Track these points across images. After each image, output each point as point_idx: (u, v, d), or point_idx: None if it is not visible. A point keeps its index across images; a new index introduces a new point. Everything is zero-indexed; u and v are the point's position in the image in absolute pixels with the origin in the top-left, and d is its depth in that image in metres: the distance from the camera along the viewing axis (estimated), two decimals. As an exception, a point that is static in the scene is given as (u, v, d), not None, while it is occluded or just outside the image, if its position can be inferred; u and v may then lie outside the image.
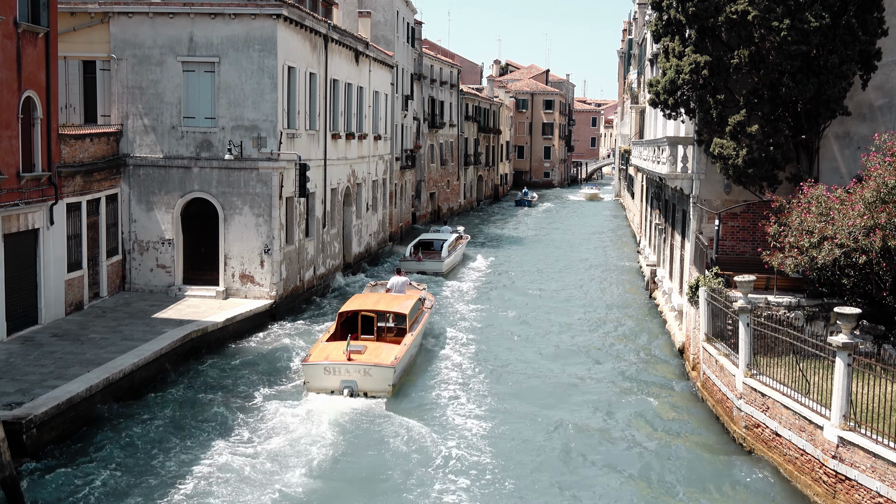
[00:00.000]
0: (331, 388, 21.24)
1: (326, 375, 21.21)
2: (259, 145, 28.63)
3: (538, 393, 22.63)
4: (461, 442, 18.54)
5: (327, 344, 22.75)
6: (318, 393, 21.27)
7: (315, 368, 21.27)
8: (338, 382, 21.16)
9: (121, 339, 23.03)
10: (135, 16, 28.72)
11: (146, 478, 16.47)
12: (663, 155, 26.48)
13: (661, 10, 23.92)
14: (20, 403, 17.64)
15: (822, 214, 19.35)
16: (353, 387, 21.15)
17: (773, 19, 20.88)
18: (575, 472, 17.55)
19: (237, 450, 17.89)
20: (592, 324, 31.07)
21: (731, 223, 24.05)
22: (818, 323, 20.46)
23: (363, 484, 16.64)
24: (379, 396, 21.19)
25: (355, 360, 21.28)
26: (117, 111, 29.13)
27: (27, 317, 23.74)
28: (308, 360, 21.64)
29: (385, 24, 51.66)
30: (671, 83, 23.18)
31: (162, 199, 29.20)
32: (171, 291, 29.12)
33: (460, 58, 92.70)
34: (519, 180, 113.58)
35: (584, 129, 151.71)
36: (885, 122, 22.99)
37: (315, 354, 21.90)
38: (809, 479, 15.93)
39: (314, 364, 21.33)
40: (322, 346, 22.52)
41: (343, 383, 21.13)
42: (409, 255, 40.79)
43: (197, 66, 28.84)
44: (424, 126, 62.33)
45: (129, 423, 19.10)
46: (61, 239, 25.16)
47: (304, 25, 30.72)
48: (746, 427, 18.57)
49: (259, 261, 28.99)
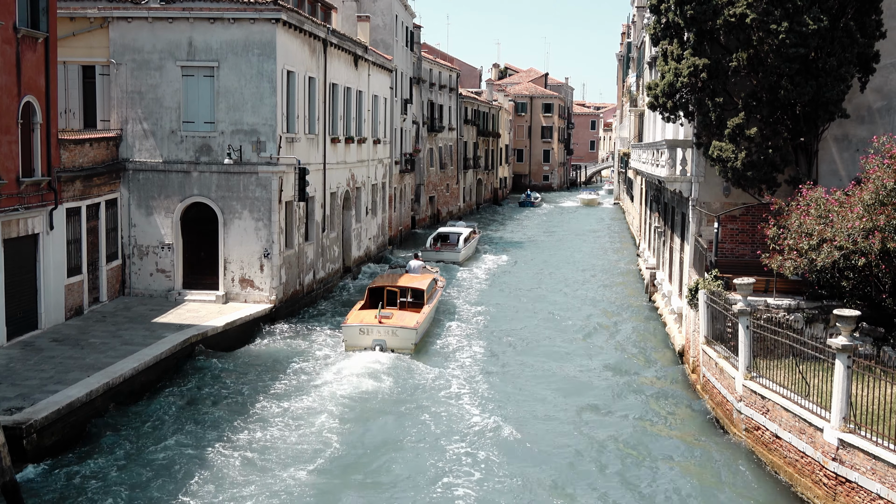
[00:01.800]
0: (364, 346, 25.55)
1: (361, 335, 25.62)
2: (258, 149, 28.66)
3: (536, 387, 22.68)
4: (467, 382, 23.55)
5: (360, 311, 27.30)
6: (354, 350, 25.46)
7: (352, 329, 25.74)
8: (370, 341, 25.57)
9: (121, 344, 23.03)
10: (134, 21, 28.75)
11: (147, 482, 16.46)
12: (662, 158, 26.52)
13: (660, 13, 23.97)
14: (20, 408, 17.63)
15: (821, 217, 19.37)
16: (383, 344, 25.50)
17: (771, 22, 20.92)
18: (573, 474, 17.55)
19: (238, 453, 17.89)
20: (591, 326, 31.06)
21: (730, 226, 24.07)
22: (818, 325, 20.46)
23: (394, 416, 20.73)
24: (404, 352, 25.53)
25: (385, 322, 25.69)
26: (117, 116, 29.15)
27: (27, 322, 23.73)
28: (346, 322, 26.18)
29: (384, 28, 51.71)
30: (670, 86, 23.22)
31: (161, 203, 29.21)
32: (171, 296, 29.12)
33: (459, 61, 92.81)
34: (518, 184, 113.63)
35: (584, 133, 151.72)
36: (883, 125, 23.03)
37: (352, 318, 26.50)
38: (810, 481, 15.93)
39: (352, 325, 25.85)
40: (357, 313, 27.16)
41: (375, 341, 25.52)
42: (429, 246, 45.96)
43: (196, 71, 28.86)
44: (423, 130, 62.39)
45: (130, 427, 19.09)
46: (61, 244, 25.16)
47: (303, 30, 30.76)
48: (746, 429, 18.57)
49: (259, 265, 29.00)
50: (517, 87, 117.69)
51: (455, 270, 42.43)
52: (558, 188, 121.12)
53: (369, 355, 24.92)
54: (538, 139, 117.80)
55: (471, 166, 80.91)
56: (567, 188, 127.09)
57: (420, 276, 31.01)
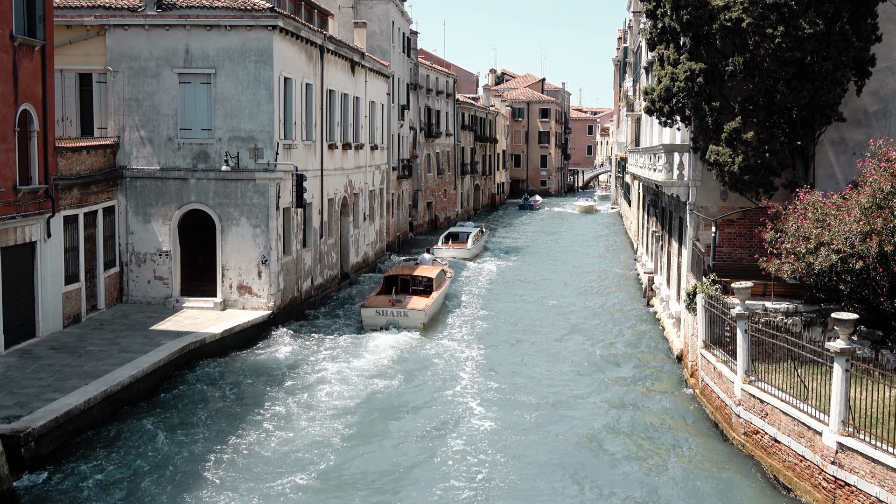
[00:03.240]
0: (380, 325, 29.58)
1: (378, 316, 29.71)
2: (256, 156, 28.66)
3: (532, 391, 22.66)
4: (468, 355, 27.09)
5: (377, 296, 31.45)
6: (371, 329, 29.27)
7: (370, 311, 29.89)
8: (385, 321, 29.66)
9: (119, 352, 22.99)
10: (131, 28, 28.77)
11: (145, 490, 16.43)
12: (659, 162, 26.54)
13: (656, 18, 24.02)
14: (18, 417, 17.59)
15: (818, 220, 19.38)
16: (396, 324, 29.57)
17: (767, 26, 20.97)
18: (572, 476, 17.53)
19: (237, 459, 17.87)
20: (589, 331, 31.05)
21: (727, 230, 24.09)
22: (816, 329, 20.46)
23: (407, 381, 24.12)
24: (414, 331, 29.22)
25: (398, 305, 29.82)
26: (114, 123, 29.15)
27: (25, 330, 23.70)
28: (365, 305, 30.31)
29: (381, 34, 51.79)
30: (666, 91, 23.25)
31: (159, 210, 29.20)
32: (169, 303, 29.09)
33: (456, 67, 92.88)
34: (516, 189, 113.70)
35: (581, 138, 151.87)
36: (879, 128, 23.07)
37: (369, 302, 30.75)
38: (809, 485, 15.92)
39: (370, 307, 29.98)
40: (374, 297, 31.43)
41: (389, 321, 29.65)
42: (441, 244, 50.29)
43: (193, 78, 28.87)
44: (421, 136, 62.44)
45: (128, 435, 19.04)
46: (58, 251, 25.14)
47: (300, 36, 30.79)
48: (745, 433, 18.56)
49: (256, 272, 28.98)
50: (514, 92, 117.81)
51: (465, 266, 46.59)
52: (556, 193, 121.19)
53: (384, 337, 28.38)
54: (535, 144, 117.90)
55: (468, 172, 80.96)
56: (564, 193, 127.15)
57: (430, 268, 34.90)
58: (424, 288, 32.64)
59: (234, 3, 28.39)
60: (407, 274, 33.23)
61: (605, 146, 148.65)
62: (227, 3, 28.42)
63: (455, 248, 49.90)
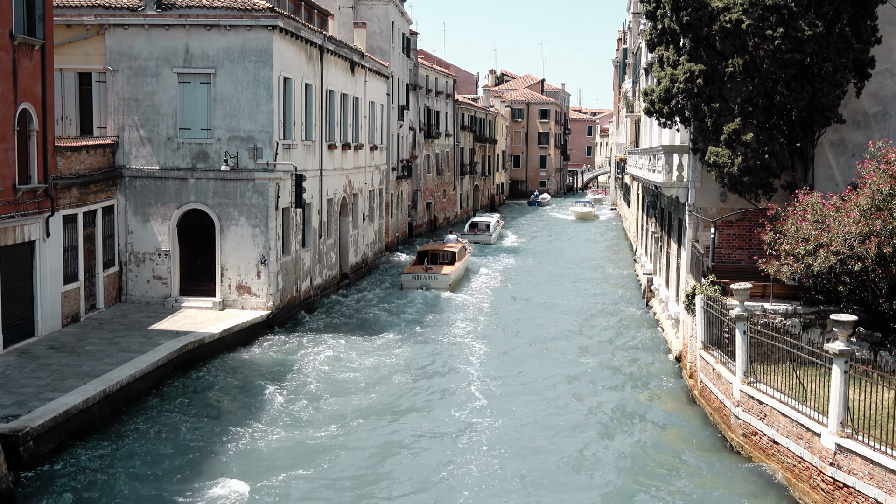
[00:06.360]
0: (416, 287, 38.01)
1: (413, 280, 38.37)
2: (255, 156, 28.65)
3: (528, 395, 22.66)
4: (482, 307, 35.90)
5: (412, 266, 40.50)
6: (409, 290, 37.71)
7: (408, 276, 38.68)
8: (419, 283, 38.15)
9: (117, 351, 22.99)
10: (130, 28, 28.77)
11: (144, 489, 16.43)
12: (659, 163, 26.54)
13: (656, 19, 24.03)
14: (17, 416, 17.59)
15: (817, 222, 19.39)
16: (427, 285, 38.08)
17: (766, 28, 20.98)
18: (571, 477, 17.53)
19: (238, 456, 17.87)
20: (589, 332, 31.06)
21: (726, 231, 24.10)
22: (815, 330, 20.46)
23: (433, 326, 31.38)
24: (442, 290, 37.66)
25: (430, 272, 38.59)
26: (113, 123, 29.15)
27: (24, 329, 23.69)
28: (405, 272, 39.22)
29: (380, 34, 51.79)
30: (666, 92, 23.26)
31: (158, 210, 29.20)
32: (168, 303, 29.09)
33: (456, 68, 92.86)
34: (515, 189, 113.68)
35: (580, 139, 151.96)
36: (879, 130, 23.09)
37: (407, 269, 40.02)
38: (807, 486, 15.93)
39: (407, 274, 38.91)
40: (410, 266, 40.67)
41: (422, 283, 38.17)
42: (466, 231, 60.24)
43: (193, 78, 28.88)
44: (420, 136, 62.43)
45: (127, 435, 19.04)
46: (57, 251, 25.14)
47: (300, 37, 30.79)
48: (744, 435, 18.57)
49: (256, 272, 28.98)
50: (514, 93, 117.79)
51: (488, 249, 55.51)
52: (555, 194, 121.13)
53: (417, 293, 36.88)
54: (535, 145, 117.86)
55: (468, 172, 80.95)
56: (564, 194, 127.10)
57: (454, 244, 44.40)
58: (449, 260, 41.42)
59: (233, 3, 28.40)
60: (435, 249, 42.52)
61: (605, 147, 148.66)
62: (226, 2, 28.43)
63: (479, 234, 59.74)
